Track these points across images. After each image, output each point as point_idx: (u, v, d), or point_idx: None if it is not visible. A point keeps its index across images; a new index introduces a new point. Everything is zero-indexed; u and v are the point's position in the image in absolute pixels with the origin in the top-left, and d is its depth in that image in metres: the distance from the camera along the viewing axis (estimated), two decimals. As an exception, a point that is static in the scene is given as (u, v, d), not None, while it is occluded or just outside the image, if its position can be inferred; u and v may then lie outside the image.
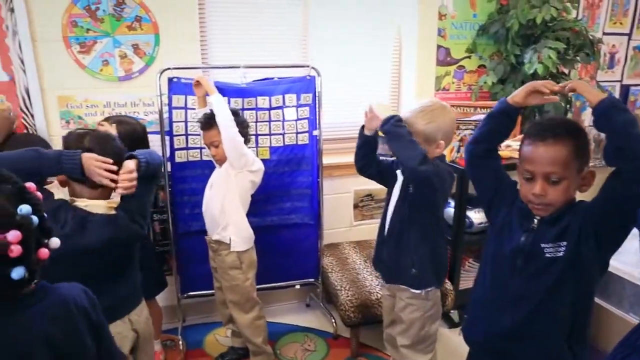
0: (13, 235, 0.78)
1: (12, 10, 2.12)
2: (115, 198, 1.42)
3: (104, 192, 1.40)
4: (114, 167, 1.34)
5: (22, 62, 2.18)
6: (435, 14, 2.75)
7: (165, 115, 2.27)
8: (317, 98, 2.40)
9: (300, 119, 2.39)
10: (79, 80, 2.28)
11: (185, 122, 2.29)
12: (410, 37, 2.80)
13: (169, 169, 2.28)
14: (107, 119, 2.06)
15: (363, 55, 2.82)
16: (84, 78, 2.29)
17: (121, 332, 1.42)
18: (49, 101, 2.27)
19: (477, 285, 1.48)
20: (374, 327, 2.33)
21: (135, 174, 1.39)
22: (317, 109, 2.41)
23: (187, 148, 2.31)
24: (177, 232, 2.37)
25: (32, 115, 2.24)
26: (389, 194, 1.85)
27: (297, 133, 2.40)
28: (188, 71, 2.29)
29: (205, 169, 2.34)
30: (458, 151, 2.59)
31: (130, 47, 2.32)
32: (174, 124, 2.27)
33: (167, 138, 2.27)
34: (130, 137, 1.94)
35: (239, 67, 2.29)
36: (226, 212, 2.01)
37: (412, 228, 1.71)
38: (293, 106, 2.38)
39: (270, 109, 2.35)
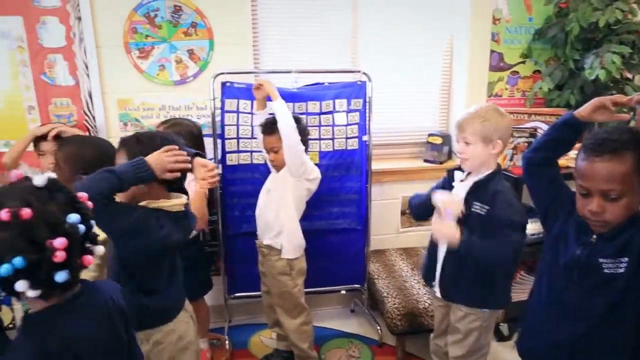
0: (59, 242, 0.82)
1: (79, 18, 2.23)
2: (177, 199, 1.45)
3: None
4: (183, 153, 1.37)
5: (87, 67, 2.28)
6: (489, 18, 2.69)
7: (218, 119, 2.32)
8: (367, 103, 2.39)
9: (350, 124, 2.38)
10: (137, 84, 2.37)
11: (237, 125, 2.33)
12: (463, 42, 2.75)
13: (220, 171, 2.33)
14: (164, 122, 2.13)
15: (413, 60, 2.78)
16: (142, 82, 2.37)
17: (188, 321, 1.50)
18: (109, 104, 2.36)
19: (533, 297, 1.42)
20: (420, 336, 2.29)
21: (216, 170, 1.47)
22: (367, 115, 2.40)
23: (238, 151, 2.35)
24: (226, 234, 2.41)
25: (94, 117, 2.34)
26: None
27: (347, 138, 2.39)
28: (240, 76, 2.34)
29: (255, 172, 2.37)
30: (511, 159, 2.52)
31: (186, 53, 2.38)
32: (226, 127, 2.32)
33: (219, 141, 2.32)
34: (187, 138, 2.00)
35: (290, 72, 2.31)
36: (280, 219, 2.02)
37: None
38: (343, 111, 2.37)
39: (321, 113, 2.36)
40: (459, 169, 1.79)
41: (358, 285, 2.61)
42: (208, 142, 2.30)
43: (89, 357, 0.94)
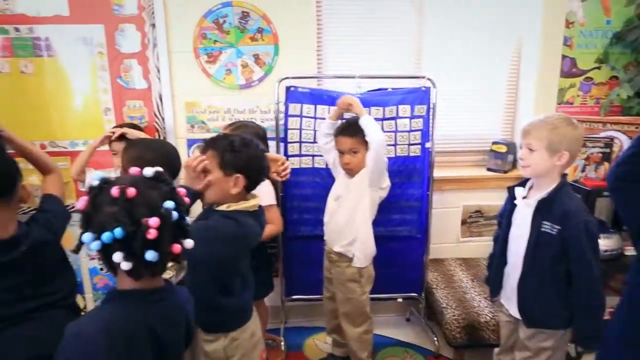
0: (154, 220, 0.91)
1: (153, 25, 2.34)
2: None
3: None
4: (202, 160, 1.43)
5: (158, 71, 2.38)
6: (561, 22, 2.57)
7: (281, 122, 2.36)
8: (431, 110, 2.35)
9: (413, 131, 2.35)
10: (204, 87, 2.45)
11: (300, 129, 2.35)
12: (532, 46, 2.64)
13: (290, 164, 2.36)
14: (230, 124, 2.19)
15: (478, 64, 2.71)
16: (209, 86, 2.45)
17: (256, 319, 1.57)
18: (177, 106, 2.46)
19: (616, 320, 1.34)
20: (480, 350, 2.22)
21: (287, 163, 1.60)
22: (430, 121, 2.36)
23: (300, 155, 2.37)
24: (285, 236, 2.44)
25: (163, 119, 2.44)
26: (506, 217, 1.74)
27: (410, 145, 2.36)
28: (304, 80, 2.37)
29: (316, 176, 2.39)
30: (583, 170, 2.39)
31: (252, 57, 2.44)
32: (289, 131, 2.35)
33: (281, 144, 2.36)
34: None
35: (354, 77, 2.31)
36: (355, 228, 2.01)
37: (557, 267, 1.58)
38: (406, 117, 2.34)
39: (384, 119, 2.34)
40: (520, 184, 1.72)
41: (415, 294, 2.57)
42: (271, 145, 2.35)
43: (147, 349, 0.99)
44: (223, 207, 1.38)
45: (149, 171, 1.01)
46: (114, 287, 1.04)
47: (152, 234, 0.91)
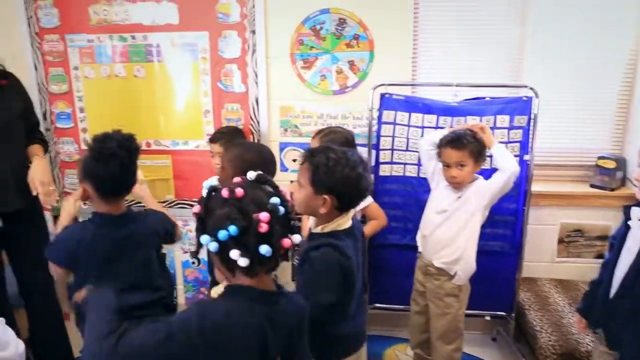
0: (264, 215, 0.96)
1: (253, 32, 2.43)
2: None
3: None
4: None
5: (256, 75, 2.47)
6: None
7: (373, 129, 2.35)
8: (532, 121, 2.22)
9: (512, 142, 2.24)
10: (299, 92, 2.50)
11: (393, 137, 2.33)
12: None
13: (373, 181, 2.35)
14: (320, 131, 2.22)
15: (586, 72, 2.52)
16: (304, 91, 2.50)
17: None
18: (272, 110, 2.53)
19: None
20: (578, 381, 2.06)
21: None
22: (530, 132, 2.23)
23: (391, 162, 2.35)
24: (372, 243, 2.42)
25: (258, 122, 2.53)
26: (618, 241, 1.60)
27: (507, 156, 2.25)
28: (398, 87, 2.34)
29: (407, 184, 2.36)
30: None
31: (347, 63, 2.45)
32: (382, 139, 2.34)
33: (373, 151, 2.35)
34: (343, 144, 2.06)
35: (451, 85, 2.25)
36: (460, 246, 1.95)
37: None
38: (505, 128, 2.24)
39: (480, 129, 2.25)
40: (638, 204, 1.57)
41: (504, 313, 2.44)
42: (362, 152, 2.33)
43: (253, 348, 1.00)
44: (318, 230, 1.39)
45: (252, 175, 1.06)
46: (205, 280, 1.11)
47: (263, 227, 0.95)
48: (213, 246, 0.97)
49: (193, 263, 2.77)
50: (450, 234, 1.96)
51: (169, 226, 1.71)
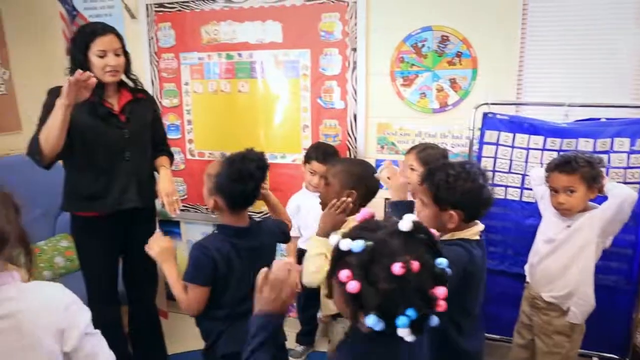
0: (441, 291, 0.84)
1: (354, 49, 2.46)
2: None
3: None
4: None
5: (355, 92, 2.50)
6: None
7: (474, 149, 2.27)
8: (656, 144, 2.03)
9: (632, 168, 2.05)
10: (397, 110, 2.49)
11: (495, 158, 2.24)
12: None
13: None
14: (414, 147, 2.19)
15: None
16: (402, 108, 2.48)
17: None
18: (370, 127, 2.54)
19: None
20: None
21: None
22: (654, 157, 2.04)
23: (492, 184, 2.25)
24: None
25: (355, 139, 2.55)
26: None
27: (625, 183, 2.07)
28: (501, 106, 2.25)
29: (507, 208, 2.25)
30: None
31: (448, 81, 2.40)
32: (483, 159, 2.25)
33: (473, 172, 2.27)
34: (438, 160, 2.03)
35: (563, 104, 2.12)
36: (572, 279, 1.83)
37: None
38: (624, 152, 2.06)
39: (594, 152, 2.09)
40: None
41: (617, 357, 2.22)
42: (459, 172, 2.27)
43: None
44: (447, 237, 1.36)
45: (407, 224, 0.88)
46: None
47: (442, 306, 0.84)
48: (378, 326, 0.84)
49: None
50: (559, 265, 1.83)
51: (283, 226, 1.80)
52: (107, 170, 2.00)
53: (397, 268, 0.82)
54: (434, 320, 0.86)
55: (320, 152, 2.35)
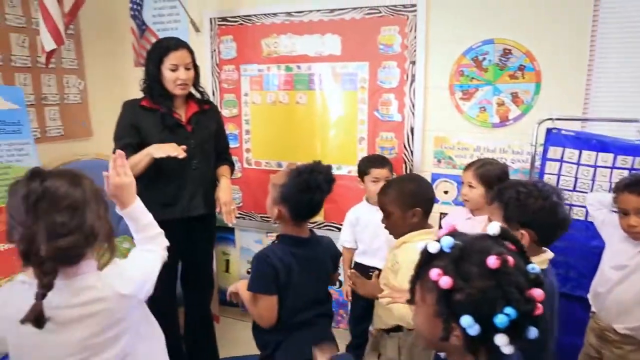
0: (539, 293, 0.80)
1: (413, 62, 2.46)
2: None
3: None
4: None
5: (413, 105, 2.49)
6: None
7: (536, 165, 2.21)
8: None
9: None
10: (455, 124, 2.46)
11: (558, 175, 2.16)
12: None
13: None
14: (472, 163, 2.15)
15: None
16: (460, 122, 2.45)
17: None
18: (427, 141, 2.52)
19: None
20: None
21: None
22: None
23: (569, 205, 2.18)
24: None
25: (412, 152, 2.53)
26: None
27: None
28: (567, 122, 2.18)
29: (571, 227, 2.11)
30: None
31: (509, 95, 2.35)
32: (545, 176, 2.18)
33: (535, 189, 2.20)
34: (498, 176, 2.02)
35: (636, 121, 2.02)
36: None
37: None
38: (702, 172, 1.94)
39: (669, 172, 1.98)
40: None
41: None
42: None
43: None
44: None
45: (494, 229, 0.86)
46: (344, 303, 1.04)
47: (539, 309, 0.79)
48: (474, 329, 0.79)
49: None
50: (633, 293, 1.72)
51: (338, 253, 1.80)
52: (176, 179, 2.10)
53: (492, 260, 0.78)
54: (533, 332, 0.80)
55: (374, 160, 2.36)
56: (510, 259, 0.80)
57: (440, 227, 2.38)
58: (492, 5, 2.31)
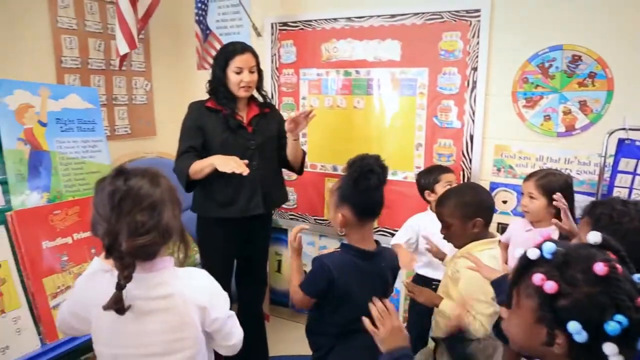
0: None
1: (475, 69, 2.41)
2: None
3: None
4: None
5: (473, 112, 2.44)
6: None
7: (605, 177, 2.11)
8: None
9: None
10: (517, 132, 2.39)
11: (630, 188, 2.06)
12: None
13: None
14: (534, 173, 2.09)
15: None
16: (523, 131, 2.37)
17: None
18: (486, 149, 2.46)
19: None
20: None
21: None
22: None
23: None
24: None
25: (470, 160, 2.48)
26: None
27: None
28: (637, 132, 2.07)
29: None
30: None
31: (576, 104, 2.26)
32: (615, 189, 2.08)
33: (602, 202, 2.10)
34: (563, 188, 1.94)
35: None
36: None
37: None
38: None
39: None
40: None
41: None
42: (583, 199, 2.11)
43: None
44: None
45: (596, 237, 0.84)
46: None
47: None
48: (581, 336, 0.76)
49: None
50: None
51: (398, 266, 1.76)
52: (235, 180, 2.16)
53: (599, 267, 0.77)
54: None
55: (438, 168, 2.36)
56: (619, 266, 0.79)
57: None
58: (561, 10, 2.23)
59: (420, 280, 2.27)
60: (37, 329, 1.83)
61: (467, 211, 1.68)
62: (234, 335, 1.32)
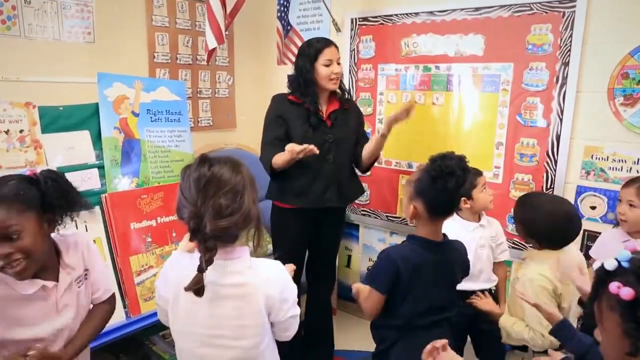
0: None
1: (565, 64, 2.25)
2: None
3: None
4: None
5: (561, 111, 2.28)
6: None
7: None
8: None
9: None
10: (612, 132, 2.20)
11: None
12: None
13: None
14: (634, 181, 1.94)
15: None
16: (619, 131, 2.18)
17: None
18: (574, 150, 2.29)
19: None
20: None
21: None
22: None
23: None
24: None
25: (555, 162, 2.33)
26: None
27: None
28: None
29: None
30: None
31: (684, 103, 2.04)
32: None
33: None
34: None
35: None
36: None
37: None
38: None
39: None
40: None
41: None
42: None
43: None
44: None
45: (624, 256, 0.85)
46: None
47: None
48: None
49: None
50: None
51: (468, 260, 1.71)
52: (311, 170, 2.21)
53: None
54: None
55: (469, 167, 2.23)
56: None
57: (586, 245, 2.19)
58: (671, -1, 2.02)
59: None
60: (123, 303, 1.99)
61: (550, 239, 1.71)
62: (292, 327, 1.34)
